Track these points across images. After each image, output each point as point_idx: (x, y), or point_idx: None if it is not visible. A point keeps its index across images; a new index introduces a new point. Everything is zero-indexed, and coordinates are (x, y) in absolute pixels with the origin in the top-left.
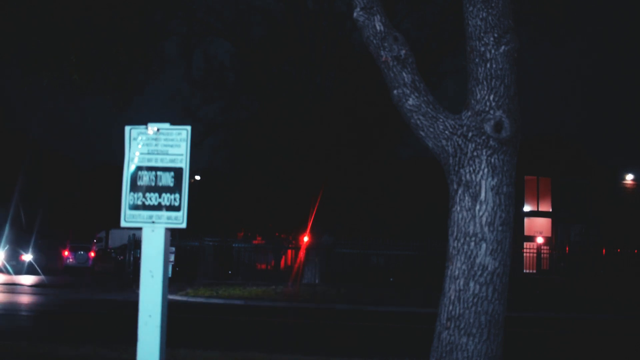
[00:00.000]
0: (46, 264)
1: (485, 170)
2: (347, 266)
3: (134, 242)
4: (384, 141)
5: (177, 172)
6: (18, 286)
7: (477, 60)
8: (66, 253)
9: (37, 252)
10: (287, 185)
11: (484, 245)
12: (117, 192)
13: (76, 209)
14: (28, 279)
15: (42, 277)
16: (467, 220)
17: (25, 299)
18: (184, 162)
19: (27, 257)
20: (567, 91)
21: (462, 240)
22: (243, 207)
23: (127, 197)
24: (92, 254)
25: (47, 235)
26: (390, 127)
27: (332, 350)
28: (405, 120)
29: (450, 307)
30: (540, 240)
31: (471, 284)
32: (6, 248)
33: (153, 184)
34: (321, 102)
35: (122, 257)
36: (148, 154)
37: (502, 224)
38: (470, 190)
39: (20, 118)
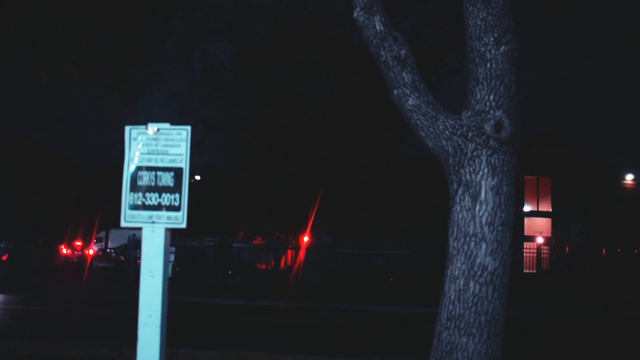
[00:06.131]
0: (25, 266)
1: (485, 170)
2: (347, 266)
3: (134, 242)
4: (384, 141)
5: (177, 172)
6: None
7: (477, 60)
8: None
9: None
10: (287, 185)
11: (484, 245)
12: (117, 192)
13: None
14: None
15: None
16: (467, 220)
17: None
18: (184, 162)
19: None
20: (567, 91)
21: (462, 240)
22: (243, 207)
23: (127, 197)
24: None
25: (24, 230)
26: (391, 127)
27: (332, 350)
28: (405, 120)
29: (450, 307)
30: (540, 240)
31: (471, 284)
32: None
33: (153, 184)
34: (321, 102)
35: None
36: (148, 154)
37: (502, 224)
38: (470, 190)
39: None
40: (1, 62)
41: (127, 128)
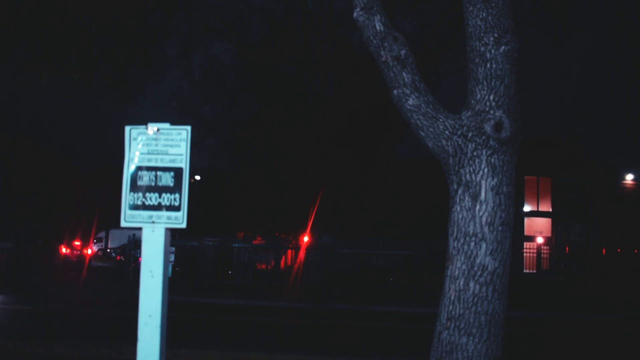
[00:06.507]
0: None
1: (485, 170)
2: (347, 266)
3: (134, 242)
4: (384, 141)
5: (177, 172)
6: None
7: (477, 60)
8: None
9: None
10: (287, 185)
11: (484, 245)
12: (117, 192)
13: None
14: None
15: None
16: (467, 220)
17: None
18: (184, 162)
19: None
20: (567, 91)
21: (462, 240)
22: (243, 207)
23: (127, 197)
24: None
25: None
26: (391, 127)
27: (332, 350)
28: (405, 120)
29: (450, 307)
30: (540, 240)
31: (471, 284)
32: None
33: (153, 184)
34: (321, 102)
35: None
36: (148, 154)
37: (502, 224)
38: (470, 190)
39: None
40: (1, 62)
41: (127, 128)
